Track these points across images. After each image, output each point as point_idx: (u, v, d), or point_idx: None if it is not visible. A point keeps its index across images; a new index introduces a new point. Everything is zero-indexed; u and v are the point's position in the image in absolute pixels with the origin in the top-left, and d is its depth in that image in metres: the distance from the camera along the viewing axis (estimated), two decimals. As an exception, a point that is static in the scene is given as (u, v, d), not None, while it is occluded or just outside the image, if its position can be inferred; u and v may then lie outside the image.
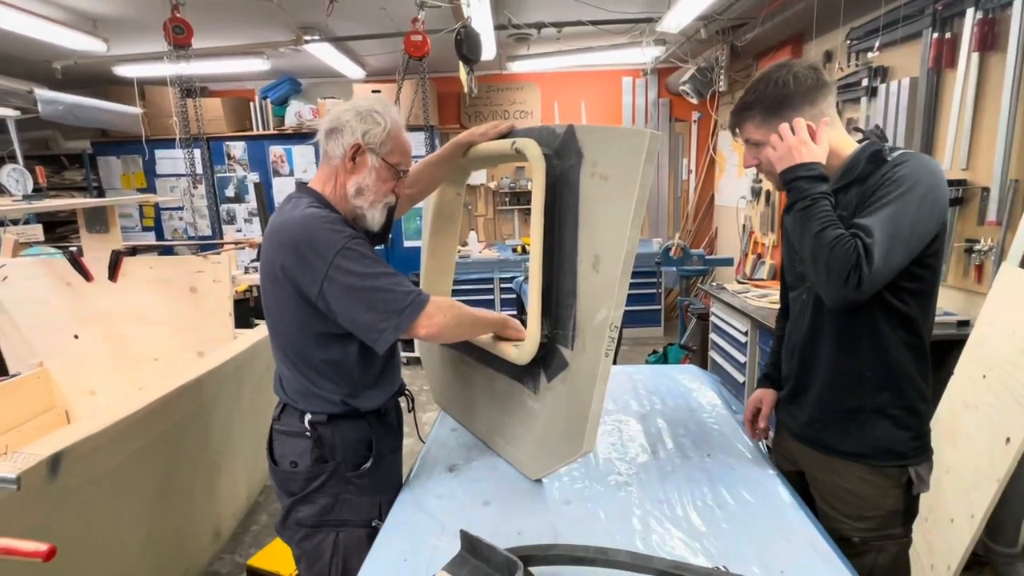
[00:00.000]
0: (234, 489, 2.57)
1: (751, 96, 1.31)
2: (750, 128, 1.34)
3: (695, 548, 1.16)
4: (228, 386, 2.32)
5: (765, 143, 1.31)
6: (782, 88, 1.26)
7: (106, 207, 2.47)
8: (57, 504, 1.52)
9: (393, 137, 1.35)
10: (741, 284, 3.74)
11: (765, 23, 3.68)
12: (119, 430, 1.67)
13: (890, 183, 1.17)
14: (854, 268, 1.13)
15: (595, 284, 1.23)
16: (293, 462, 1.37)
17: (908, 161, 1.19)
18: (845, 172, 1.27)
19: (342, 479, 1.37)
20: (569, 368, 1.30)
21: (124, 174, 5.78)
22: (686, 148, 6.04)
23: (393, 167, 1.37)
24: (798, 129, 1.24)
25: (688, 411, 1.83)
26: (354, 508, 1.38)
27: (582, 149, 1.25)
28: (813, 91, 1.26)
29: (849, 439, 1.31)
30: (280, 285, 1.28)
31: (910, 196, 1.15)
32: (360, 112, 1.33)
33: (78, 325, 2.58)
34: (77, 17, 3.68)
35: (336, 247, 1.22)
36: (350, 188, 1.34)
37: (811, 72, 1.27)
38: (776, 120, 1.28)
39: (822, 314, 1.32)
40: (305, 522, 1.38)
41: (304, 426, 1.35)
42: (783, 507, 1.30)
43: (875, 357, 1.27)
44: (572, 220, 1.28)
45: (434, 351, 1.88)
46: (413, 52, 3.61)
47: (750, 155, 1.39)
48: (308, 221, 1.25)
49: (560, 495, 1.39)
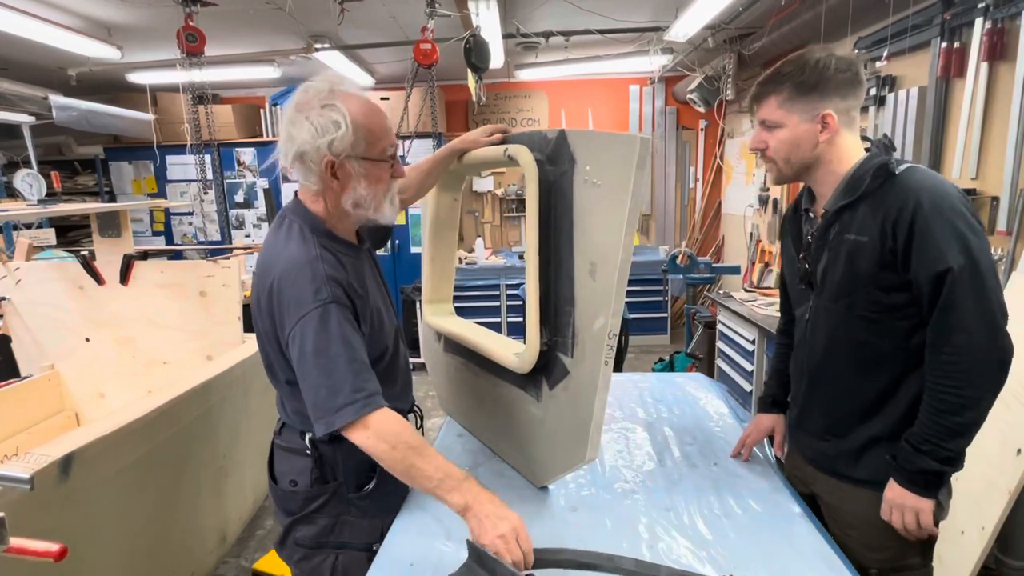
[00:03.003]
0: (241, 493, 2.58)
1: (787, 69, 1.22)
2: (772, 103, 1.25)
3: (702, 557, 1.16)
4: (236, 390, 2.33)
5: (780, 126, 1.24)
6: (821, 71, 1.19)
7: (118, 212, 2.50)
8: (67, 505, 1.53)
9: (360, 127, 1.17)
10: (748, 292, 3.73)
11: (773, 32, 3.69)
12: (129, 432, 1.68)
13: (928, 232, 1.09)
14: (1000, 369, 1.11)
15: (592, 292, 1.21)
16: (293, 480, 1.30)
17: (921, 188, 1.12)
18: (850, 186, 1.22)
19: (343, 500, 1.30)
20: (570, 376, 1.29)
21: (135, 179, 5.84)
22: (693, 156, 6.04)
23: (378, 160, 1.21)
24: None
25: (695, 419, 1.82)
26: (355, 531, 1.31)
27: (574, 154, 1.23)
28: (848, 85, 1.20)
29: (863, 466, 1.26)
30: (266, 318, 1.21)
31: (959, 228, 1.09)
32: (315, 125, 1.15)
33: (89, 328, 2.61)
34: (93, 25, 3.74)
35: (306, 308, 1.12)
36: (346, 205, 1.22)
37: (851, 66, 1.20)
38: (802, 103, 1.21)
39: (837, 338, 1.27)
40: (304, 543, 1.32)
41: (305, 444, 1.28)
42: (791, 517, 1.29)
43: (893, 382, 1.22)
44: (567, 227, 1.26)
45: (439, 357, 1.88)
46: (422, 60, 3.63)
47: (759, 137, 1.29)
48: (289, 269, 1.15)
49: (566, 502, 1.39)
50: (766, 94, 1.25)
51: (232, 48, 4.41)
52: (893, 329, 1.19)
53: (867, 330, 1.22)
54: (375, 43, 4.31)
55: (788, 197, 4.30)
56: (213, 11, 3.44)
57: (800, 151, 1.24)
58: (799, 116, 1.22)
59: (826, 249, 1.26)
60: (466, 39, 3.54)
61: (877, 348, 1.22)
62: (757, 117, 1.29)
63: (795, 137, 1.24)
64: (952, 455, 1.14)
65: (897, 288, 1.17)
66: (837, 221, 1.24)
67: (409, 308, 4.81)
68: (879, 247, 1.16)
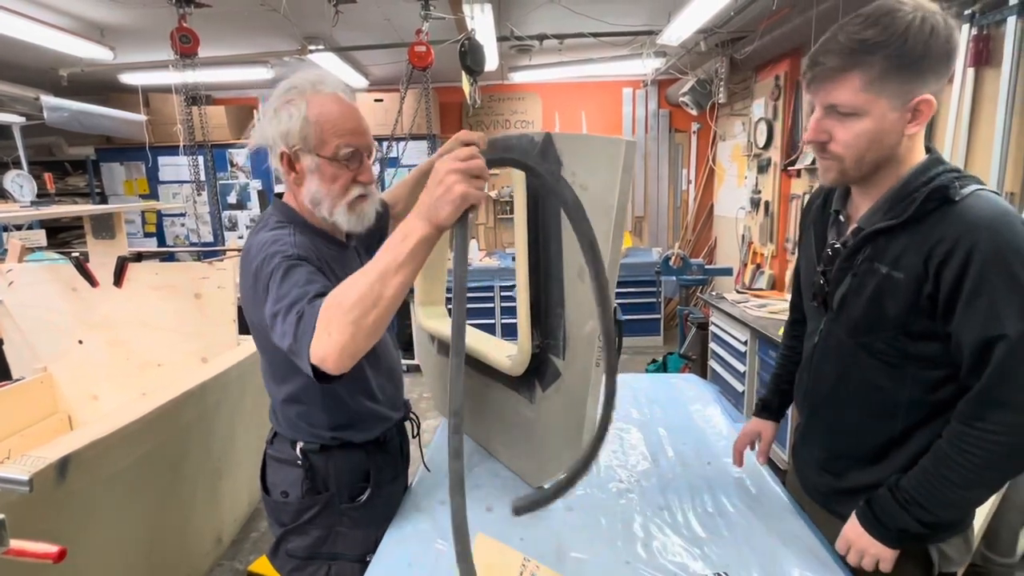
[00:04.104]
0: (236, 495, 2.57)
1: (876, 35, 0.88)
2: (853, 83, 0.91)
3: (695, 554, 1.18)
4: (232, 392, 2.33)
5: (860, 114, 0.92)
6: (927, 39, 0.87)
7: (113, 214, 2.50)
8: (64, 508, 1.53)
9: (316, 121, 1.12)
10: (740, 294, 3.77)
11: (764, 36, 3.73)
12: (126, 435, 1.68)
13: (983, 284, 0.88)
14: (1012, 448, 0.91)
15: (582, 295, 1.21)
16: (284, 491, 1.28)
17: (984, 225, 0.89)
18: (895, 203, 0.98)
19: (336, 511, 1.28)
20: (562, 378, 1.29)
21: (127, 180, 5.81)
22: (685, 159, 6.09)
23: (331, 159, 1.14)
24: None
25: (688, 420, 1.84)
26: (348, 542, 1.30)
27: (561, 157, 1.23)
28: (948, 59, 0.90)
29: (855, 507, 1.12)
30: (251, 306, 1.18)
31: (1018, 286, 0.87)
32: (278, 116, 1.13)
33: (82, 330, 2.60)
34: (85, 26, 3.73)
35: (272, 264, 1.06)
36: (306, 201, 1.19)
37: (951, 31, 0.90)
38: (896, 83, 0.89)
39: (849, 376, 1.09)
40: (296, 554, 1.30)
41: (296, 454, 1.26)
42: (783, 514, 1.31)
43: (904, 433, 1.05)
44: (556, 230, 1.26)
45: (433, 359, 1.89)
46: (417, 63, 3.65)
47: (822, 126, 0.97)
48: (264, 242, 1.13)
49: (562, 502, 1.39)
50: (845, 69, 0.91)
51: (225, 49, 4.41)
52: (916, 379, 1.01)
53: (886, 376, 1.03)
54: (369, 45, 4.32)
55: (781, 200, 4.33)
56: (206, 12, 3.44)
57: (880, 147, 0.95)
58: (889, 102, 0.91)
59: (850, 274, 1.04)
60: (461, 42, 3.55)
61: (893, 396, 1.04)
62: (824, 100, 0.96)
63: (879, 130, 0.93)
64: (940, 524, 0.99)
65: (929, 337, 0.97)
66: (870, 245, 1.01)
67: (402, 310, 4.81)
68: (916, 289, 0.95)
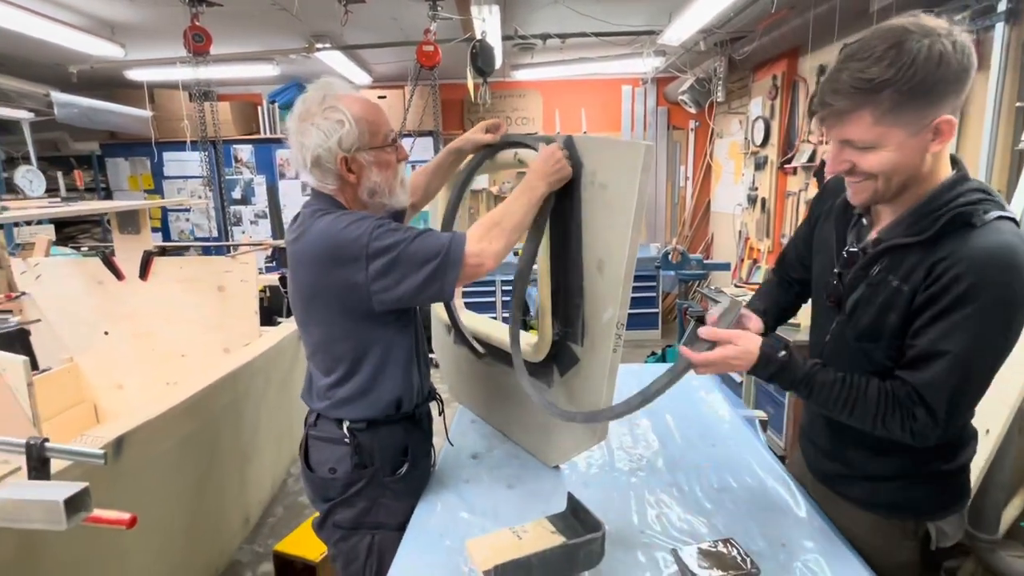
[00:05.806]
0: (261, 479, 2.68)
1: (882, 73, 0.87)
2: (864, 120, 0.91)
3: (702, 523, 1.29)
4: (258, 380, 2.44)
5: (876, 147, 0.93)
6: (936, 66, 0.86)
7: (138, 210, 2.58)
8: (117, 484, 1.63)
9: (361, 120, 1.27)
10: (738, 288, 3.88)
11: (762, 37, 3.83)
12: (171, 417, 1.79)
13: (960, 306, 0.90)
14: (912, 436, 0.97)
15: (600, 286, 1.29)
16: (332, 468, 1.38)
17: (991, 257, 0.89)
18: (916, 220, 0.98)
19: (380, 484, 1.38)
20: (580, 363, 1.39)
21: (132, 176, 5.85)
22: (683, 155, 6.19)
23: (383, 147, 1.31)
24: (715, 356, 1.09)
25: (693, 406, 1.95)
26: (390, 512, 1.40)
27: (581, 158, 1.30)
28: (965, 76, 0.89)
29: (860, 489, 1.19)
30: (324, 304, 1.28)
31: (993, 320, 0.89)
32: (322, 129, 1.24)
33: (108, 322, 2.68)
34: (97, 23, 3.79)
35: (364, 239, 1.18)
36: (363, 195, 1.32)
37: (965, 48, 0.89)
38: (910, 112, 0.88)
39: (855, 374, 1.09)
40: (342, 524, 1.40)
41: (343, 433, 1.35)
42: (783, 488, 1.42)
43: None
44: (576, 225, 1.33)
45: (449, 349, 1.97)
46: (425, 62, 3.73)
47: (842, 157, 0.98)
48: (326, 232, 1.22)
49: (578, 479, 1.52)
50: (853, 109, 0.91)
51: (233, 47, 4.46)
52: None
53: (888, 379, 1.06)
54: (376, 43, 4.39)
55: (778, 196, 4.45)
56: (217, 11, 3.50)
57: (907, 169, 0.96)
58: (905, 129, 0.91)
59: (865, 283, 1.07)
60: (473, 44, 3.63)
61: None
62: (838, 136, 0.96)
63: (900, 155, 0.94)
64: (804, 397, 1.07)
65: None
66: (887, 257, 1.03)
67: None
68: (909, 299, 0.98)
